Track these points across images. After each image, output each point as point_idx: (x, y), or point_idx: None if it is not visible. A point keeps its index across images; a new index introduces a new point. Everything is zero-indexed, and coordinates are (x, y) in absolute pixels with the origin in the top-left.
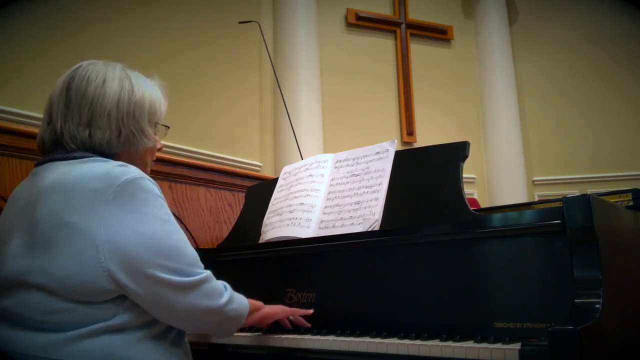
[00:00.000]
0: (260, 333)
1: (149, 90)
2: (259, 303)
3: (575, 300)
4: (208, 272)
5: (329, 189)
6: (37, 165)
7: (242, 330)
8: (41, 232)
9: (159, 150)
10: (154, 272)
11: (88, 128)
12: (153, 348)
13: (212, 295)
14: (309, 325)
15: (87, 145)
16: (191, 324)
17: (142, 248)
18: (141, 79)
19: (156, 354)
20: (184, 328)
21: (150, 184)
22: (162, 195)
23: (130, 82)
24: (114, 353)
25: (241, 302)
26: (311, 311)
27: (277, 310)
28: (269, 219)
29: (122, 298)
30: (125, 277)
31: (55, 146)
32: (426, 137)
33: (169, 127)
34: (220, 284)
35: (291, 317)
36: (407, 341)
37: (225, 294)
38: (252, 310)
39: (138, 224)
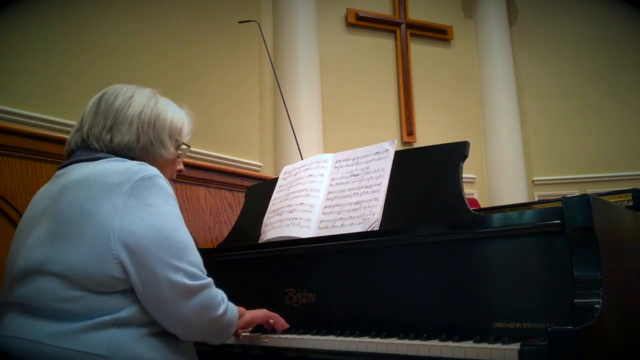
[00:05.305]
0: (259, 333)
1: (173, 109)
2: (242, 309)
3: (575, 300)
4: (210, 280)
5: (328, 189)
6: (60, 168)
7: None
8: (63, 222)
9: (180, 172)
10: (158, 267)
11: (110, 132)
12: (155, 346)
13: (211, 305)
14: (287, 325)
15: (109, 148)
16: (183, 329)
17: (149, 239)
18: (168, 101)
19: (159, 351)
20: (175, 331)
21: (166, 183)
22: (175, 197)
23: (156, 100)
24: (119, 347)
25: (233, 311)
26: (287, 325)
27: (257, 314)
28: (269, 219)
29: (130, 290)
30: (131, 267)
31: (81, 148)
32: (426, 137)
33: (189, 147)
34: (219, 293)
35: (271, 321)
36: (407, 341)
37: (222, 305)
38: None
39: (149, 215)
